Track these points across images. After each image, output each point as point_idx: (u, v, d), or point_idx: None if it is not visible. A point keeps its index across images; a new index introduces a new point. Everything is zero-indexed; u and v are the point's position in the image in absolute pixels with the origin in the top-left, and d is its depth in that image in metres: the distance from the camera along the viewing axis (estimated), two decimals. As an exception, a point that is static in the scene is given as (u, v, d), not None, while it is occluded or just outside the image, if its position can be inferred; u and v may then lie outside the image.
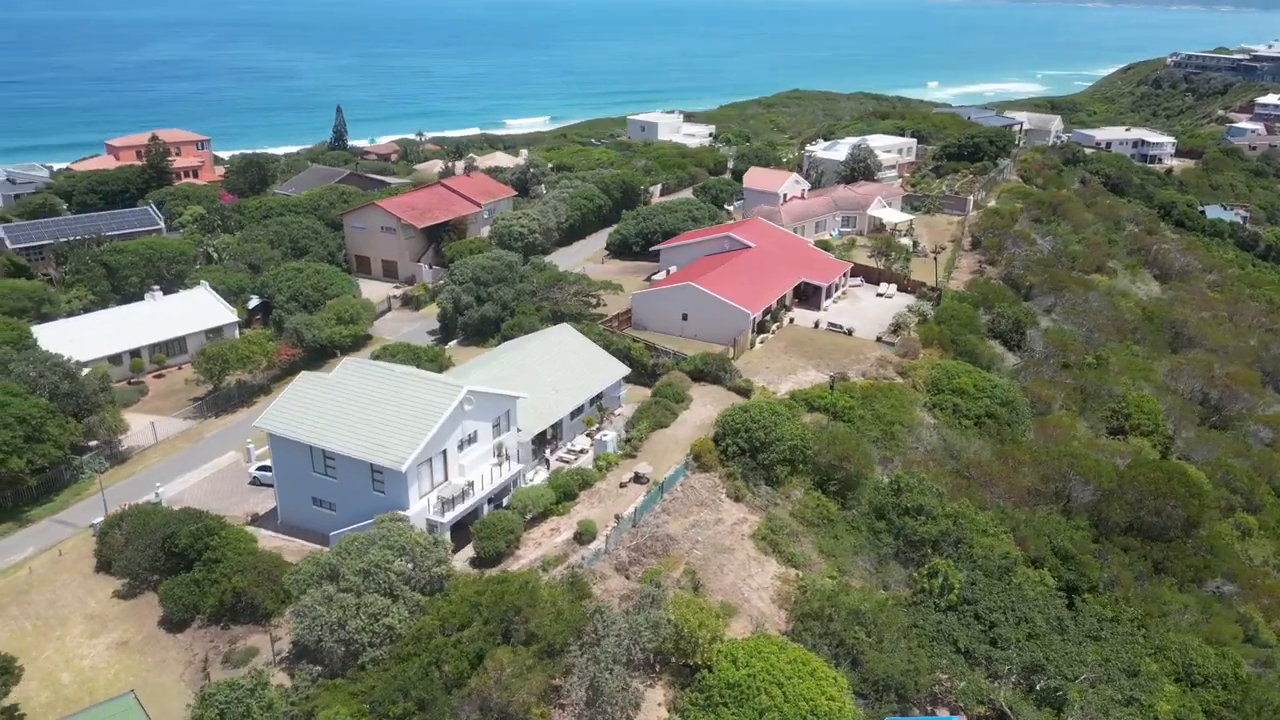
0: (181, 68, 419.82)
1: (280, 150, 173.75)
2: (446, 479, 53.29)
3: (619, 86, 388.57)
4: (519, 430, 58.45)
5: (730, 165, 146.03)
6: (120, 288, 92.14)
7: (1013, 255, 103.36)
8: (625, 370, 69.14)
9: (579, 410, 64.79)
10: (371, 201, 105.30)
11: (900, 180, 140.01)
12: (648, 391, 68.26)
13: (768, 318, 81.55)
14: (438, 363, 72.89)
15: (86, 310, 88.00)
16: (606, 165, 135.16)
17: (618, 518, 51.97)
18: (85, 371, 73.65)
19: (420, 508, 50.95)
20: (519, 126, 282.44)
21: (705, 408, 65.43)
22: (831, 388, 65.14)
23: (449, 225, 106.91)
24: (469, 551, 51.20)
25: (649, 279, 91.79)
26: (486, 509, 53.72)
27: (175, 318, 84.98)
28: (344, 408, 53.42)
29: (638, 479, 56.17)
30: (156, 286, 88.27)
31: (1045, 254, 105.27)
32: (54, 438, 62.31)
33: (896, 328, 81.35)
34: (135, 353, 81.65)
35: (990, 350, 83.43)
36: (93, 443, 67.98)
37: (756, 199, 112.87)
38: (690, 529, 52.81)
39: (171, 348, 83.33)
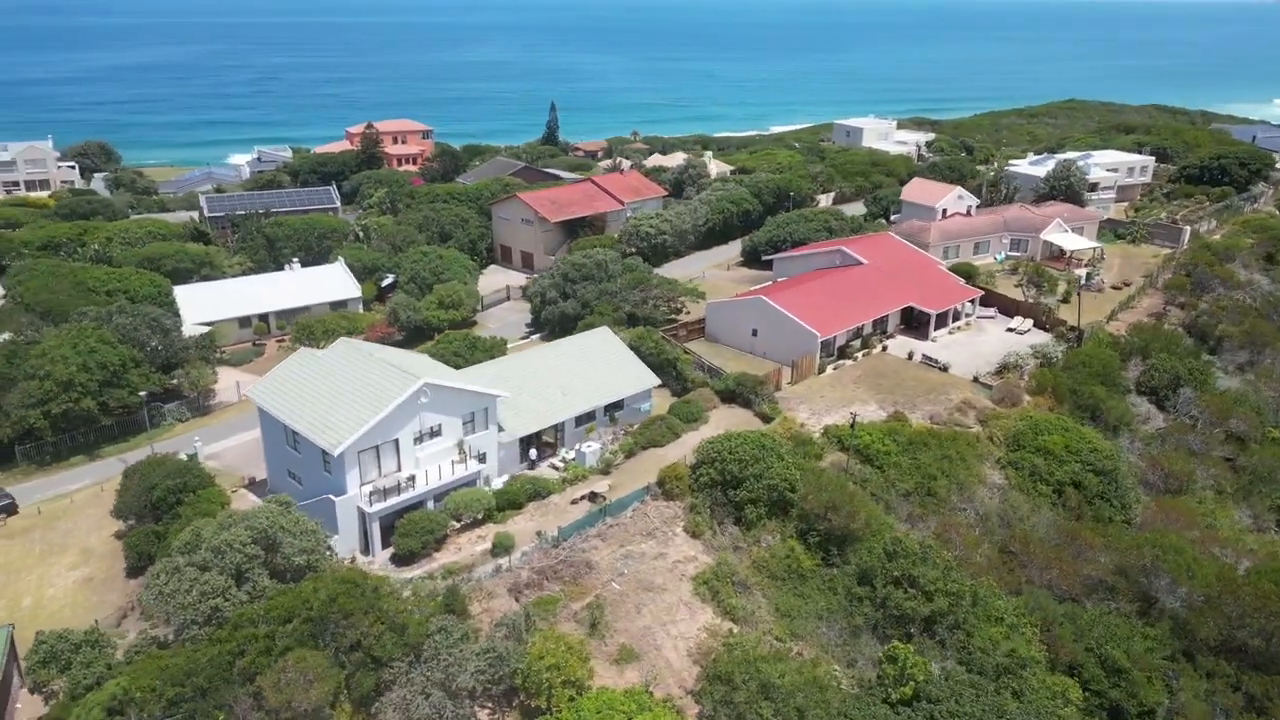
0: (502, 69, 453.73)
1: (502, 144, 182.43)
2: (400, 470, 52.63)
3: (893, 92, 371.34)
4: (501, 430, 56.65)
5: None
6: (277, 257, 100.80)
7: (1213, 298, 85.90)
8: (654, 381, 65.07)
9: (588, 417, 61.83)
10: (514, 194, 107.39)
11: (1126, 204, 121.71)
12: (684, 407, 63.70)
13: (854, 341, 73.60)
14: (491, 354, 72.49)
15: (245, 274, 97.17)
16: (786, 169, 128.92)
17: (539, 534, 48.66)
18: (206, 330, 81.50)
19: (355, 494, 50.66)
20: (783, 130, 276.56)
21: (717, 432, 59.74)
22: (851, 425, 57.09)
23: (587, 221, 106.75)
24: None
25: (752, 289, 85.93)
26: (433, 506, 52.43)
27: (305, 289, 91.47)
28: (316, 387, 54.28)
29: (591, 497, 52.35)
30: (295, 259, 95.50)
31: (1256, 301, 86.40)
32: (132, 385, 69.03)
33: (1002, 369, 70.41)
34: (263, 317, 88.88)
35: (1124, 407, 69.70)
36: (189, 394, 74.62)
37: (912, 212, 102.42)
38: (621, 559, 48.35)
39: (296, 316, 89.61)
